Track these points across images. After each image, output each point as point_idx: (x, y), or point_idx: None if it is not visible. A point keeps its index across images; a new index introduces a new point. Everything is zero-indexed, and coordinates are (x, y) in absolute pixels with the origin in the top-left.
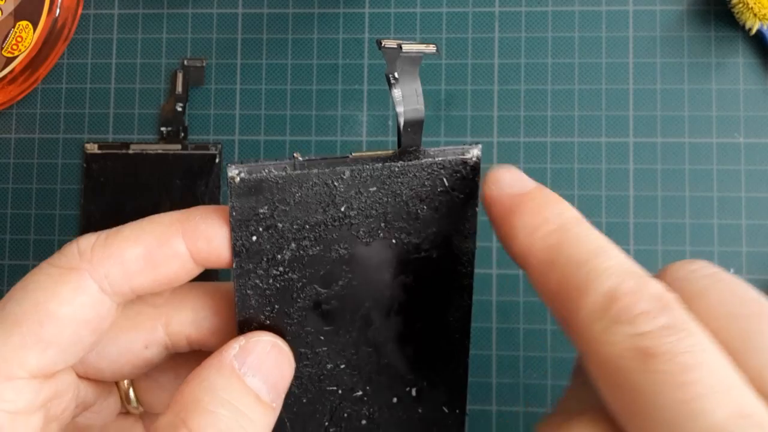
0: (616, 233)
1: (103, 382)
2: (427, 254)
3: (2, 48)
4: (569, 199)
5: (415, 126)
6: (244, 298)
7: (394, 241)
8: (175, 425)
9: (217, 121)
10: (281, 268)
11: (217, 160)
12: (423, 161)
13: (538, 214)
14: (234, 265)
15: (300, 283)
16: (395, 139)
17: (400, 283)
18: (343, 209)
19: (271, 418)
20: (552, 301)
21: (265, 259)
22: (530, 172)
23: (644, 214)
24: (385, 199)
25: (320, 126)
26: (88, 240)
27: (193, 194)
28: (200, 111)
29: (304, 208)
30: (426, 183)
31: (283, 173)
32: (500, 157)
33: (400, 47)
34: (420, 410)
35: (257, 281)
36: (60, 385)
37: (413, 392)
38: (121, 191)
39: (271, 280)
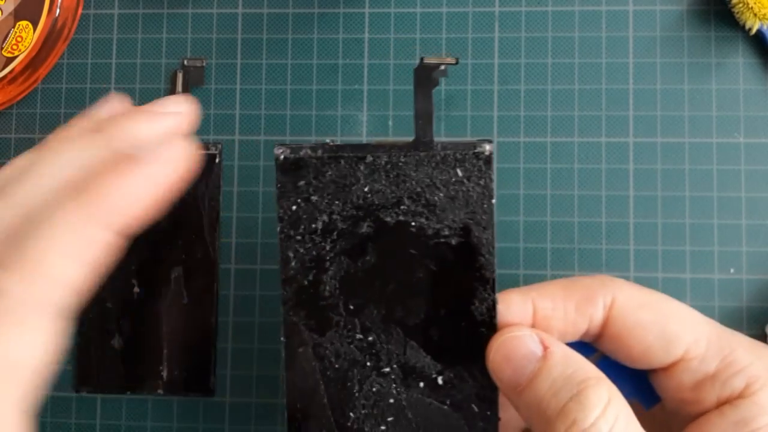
0: (616, 233)
1: None
2: (446, 240)
3: (2, 48)
4: (569, 199)
5: (425, 118)
6: (287, 259)
7: (414, 223)
8: None
9: (217, 121)
10: (315, 237)
11: (217, 160)
12: (437, 152)
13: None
14: (278, 230)
15: (332, 253)
16: (395, 139)
17: (424, 266)
18: (366, 189)
19: None
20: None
21: (302, 227)
22: (530, 172)
23: (644, 214)
24: (404, 183)
25: (320, 126)
26: None
27: (193, 194)
28: (200, 111)
29: (334, 186)
30: (441, 172)
31: (317, 154)
32: (500, 157)
33: (422, 60)
34: (448, 401)
35: (296, 246)
36: None
37: (439, 380)
38: None
39: (308, 246)
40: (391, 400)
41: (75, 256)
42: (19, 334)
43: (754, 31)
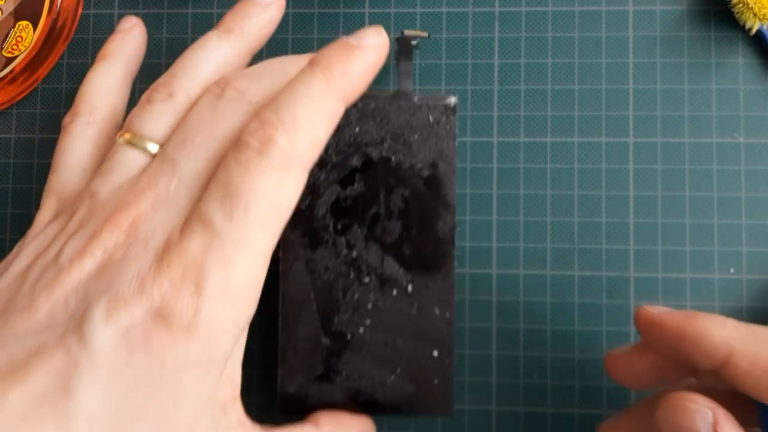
0: (616, 233)
1: None
2: (419, 172)
3: (2, 48)
4: (569, 199)
5: (406, 76)
6: None
7: (393, 158)
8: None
9: None
10: (313, 168)
11: None
12: (414, 102)
13: (716, 315)
14: None
15: (326, 182)
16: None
17: (400, 194)
18: (357, 130)
19: None
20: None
21: None
22: (530, 172)
23: (644, 214)
24: (387, 126)
25: None
26: None
27: None
28: None
29: None
30: (416, 118)
31: None
32: (500, 157)
33: (402, 32)
34: (415, 305)
35: None
36: None
37: (409, 288)
38: None
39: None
40: (370, 306)
41: (321, 121)
42: (285, 181)
43: (754, 31)
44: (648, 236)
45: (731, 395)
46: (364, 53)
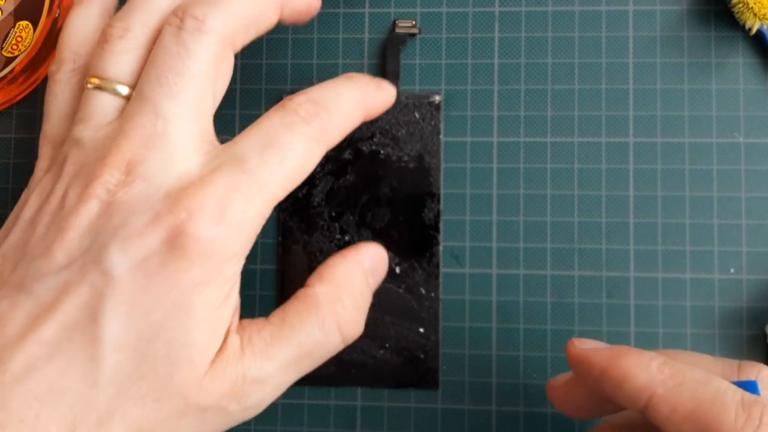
0: (616, 233)
1: None
2: (405, 165)
3: (2, 48)
4: (569, 199)
5: (393, 75)
6: None
7: (382, 152)
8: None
9: (217, 121)
10: None
11: None
12: (401, 100)
13: (643, 354)
14: None
15: (321, 174)
16: None
17: (389, 184)
18: None
19: (369, 298)
20: (691, 416)
21: None
22: (530, 172)
23: (644, 214)
24: (376, 122)
25: None
26: None
27: None
28: None
29: None
30: (404, 114)
31: None
32: (500, 157)
33: (395, 22)
34: (403, 286)
35: None
36: None
37: (397, 270)
38: None
39: None
40: None
41: (351, 118)
42: (315, 150)
43: (754, 31)
44: (648, 236)
45: None
46: (386, 93)
